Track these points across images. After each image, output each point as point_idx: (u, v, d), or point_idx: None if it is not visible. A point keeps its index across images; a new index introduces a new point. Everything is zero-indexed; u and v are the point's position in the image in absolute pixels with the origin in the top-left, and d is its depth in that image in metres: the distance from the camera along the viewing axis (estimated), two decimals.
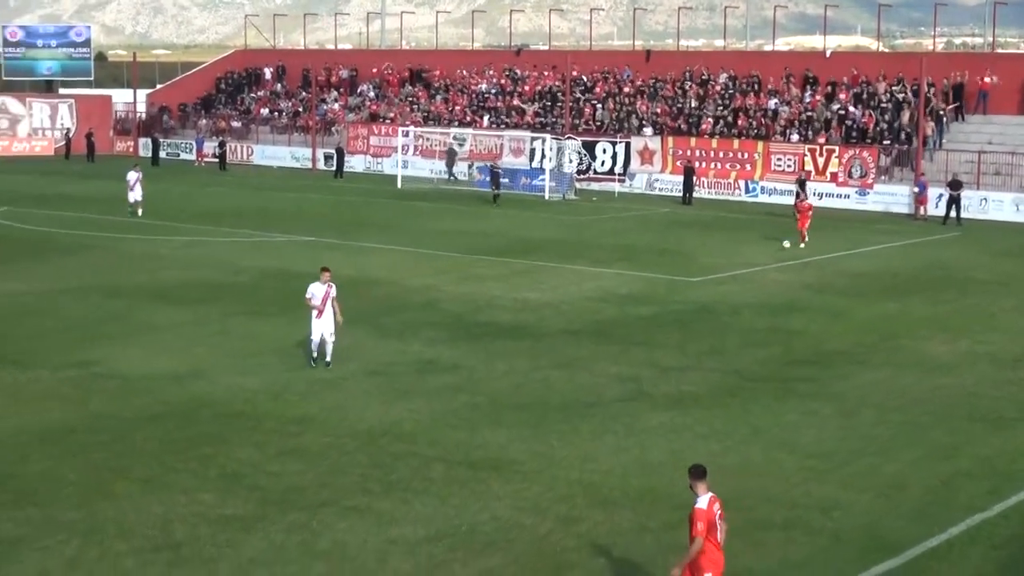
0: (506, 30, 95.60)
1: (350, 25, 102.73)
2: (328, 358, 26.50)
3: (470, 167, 71.01)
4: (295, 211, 56.46)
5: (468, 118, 78.79)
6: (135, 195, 52.84)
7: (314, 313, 26.25)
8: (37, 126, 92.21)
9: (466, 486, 19.16)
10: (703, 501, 13.42)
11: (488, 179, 63.41)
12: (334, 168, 76.12)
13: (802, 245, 45.26)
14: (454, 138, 73.48)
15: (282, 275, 37.97)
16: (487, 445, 21.30)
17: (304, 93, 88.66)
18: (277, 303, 33.80)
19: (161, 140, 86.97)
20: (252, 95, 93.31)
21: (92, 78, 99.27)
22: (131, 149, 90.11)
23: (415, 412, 23.28)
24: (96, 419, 22.65)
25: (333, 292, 26.43)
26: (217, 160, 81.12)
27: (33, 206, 56.51)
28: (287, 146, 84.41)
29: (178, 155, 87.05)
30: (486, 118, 78.08)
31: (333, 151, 77.59)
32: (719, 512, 13.59)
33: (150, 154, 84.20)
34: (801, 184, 55.91)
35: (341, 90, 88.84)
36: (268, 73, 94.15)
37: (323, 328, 26.26)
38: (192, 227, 49.76)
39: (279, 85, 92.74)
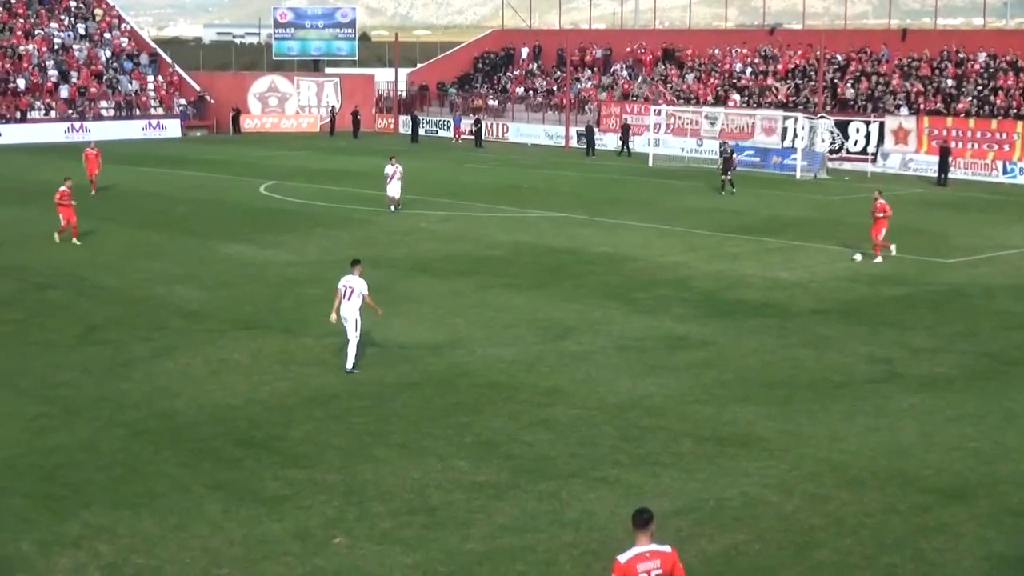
0: (759, 9, 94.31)
1: (604, 5, 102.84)
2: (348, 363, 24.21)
3: (722, 146, 70.37)
4: (548, 188, 56.85)
5: (720, 96, 78.06)
6: (392, 190, 47.29)
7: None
8: (304, 104, 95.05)
9: (714, 462, 19.07)
10: (624, 555, 11.36)
11: (721, 159, 58.72)
12: (586, 146, 76.35)
13: (878, 259, 36.85)
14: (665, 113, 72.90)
15: (537, 250, 38.33)
16: (736, 421, 21.14)
17: (558, 72, 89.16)
18: (531, 277, 34.15)
19: (420, 118, 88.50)
20: (508, 74, 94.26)
21: (356, 58, 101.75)
22: (392, 126, 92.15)
23: (664, 387, 23.25)
24: (358, 385, 23.27)
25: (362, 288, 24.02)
26: (473, 137, 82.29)
27: (300, 180, 58.28)
28: (541, 124, 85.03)
29: (436, 132, 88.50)
30: (738, 97, 77.22)
31: (584, 129, 77.88)
32: (654, 571, 11.31)
33: (410, 131, 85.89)
34: None
35: (594, 69, 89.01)
36: (524, 53, 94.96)
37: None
38: (449, 202, 50.59)
39: (534, 64, 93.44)
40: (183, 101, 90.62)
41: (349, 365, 24.09)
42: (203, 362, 24.86)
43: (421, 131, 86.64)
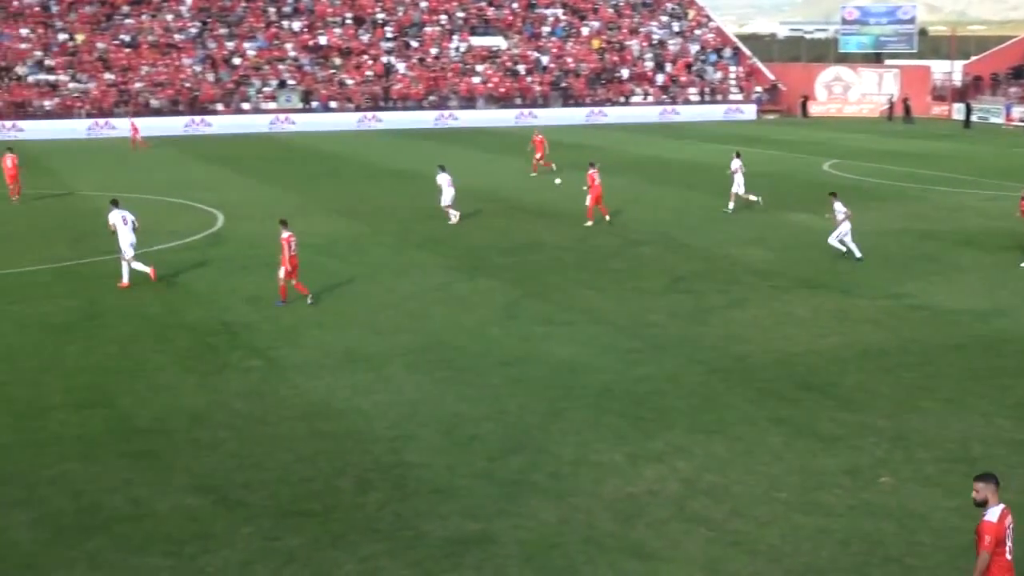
0: None
1: None
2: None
3: None
4: None
5: None
6: (736, 187, 39.69)
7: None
8: (865, 92, 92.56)
9: None
10: (993, 514, 10.68)
11: None
12: None
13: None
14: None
15: None
16: None
17: None
18: None
19: (973, 106, 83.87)
20: None
21: (915, 50, 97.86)
22: (946, 113, 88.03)
23: None
24: (906, 343, 22.46)
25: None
26: None
27: (859, 160, 56.90)
28: None
29: (987, 119, 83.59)
30: None
31: None
32: (1010, 525, 10.79)
33: (963, 118, 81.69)
34: None
35: None
36: None
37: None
38: (998, 183, 47.63)
39: None
40: (759, 88, 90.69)
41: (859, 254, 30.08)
42: (769, 314, 24.83)
43: (973, 118, 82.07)
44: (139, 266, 27.94)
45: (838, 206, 30.87)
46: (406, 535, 14.05)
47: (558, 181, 42.44)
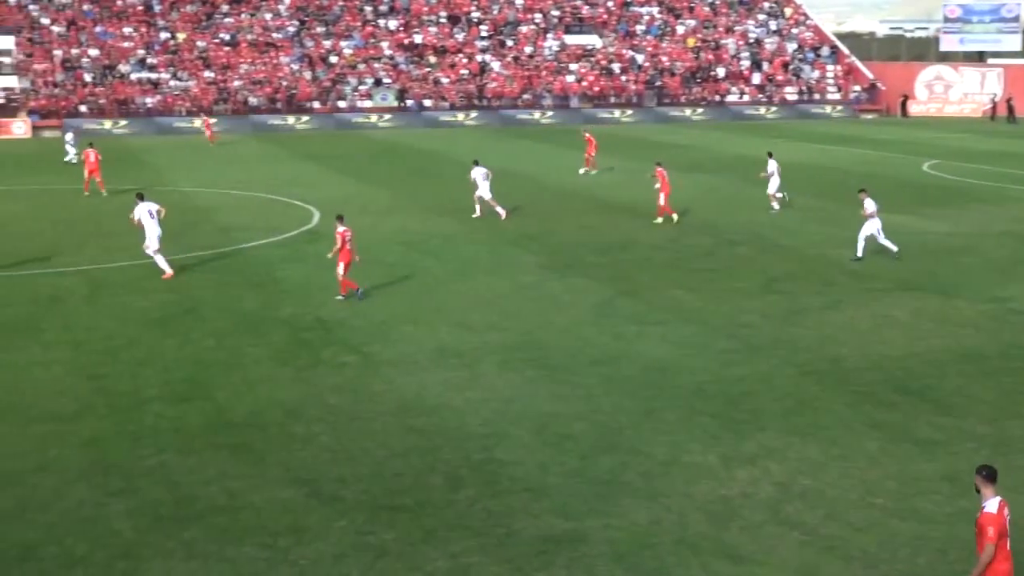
0: None
1: None
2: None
3: None
4: None
5: None
6: (772, 188, 39.64)
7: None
8: (967, 91, 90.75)
9: None
10: (992, 505, 10.97)
11: None
12: None
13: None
14: None
15: None
16: None
17: None
18: None
19: None
20: None
21: (1020, 49, 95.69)
22: None
23: None
24: (1008, 348, 21.99)
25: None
26: None
27: (960, 160, 55.82)
28: None
29: None
30: None
31: None
32: (1008, 515, 11.08)
33: None
34: None
35: None
36: None
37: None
38: None
39: None
40: (857, 87, 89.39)
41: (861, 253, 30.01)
42: (867, 316, 24.44)
43: None
44: (161, 262, 28.68)
45: (868, 202, 30.40)
46: (497, 532, 14.08)
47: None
